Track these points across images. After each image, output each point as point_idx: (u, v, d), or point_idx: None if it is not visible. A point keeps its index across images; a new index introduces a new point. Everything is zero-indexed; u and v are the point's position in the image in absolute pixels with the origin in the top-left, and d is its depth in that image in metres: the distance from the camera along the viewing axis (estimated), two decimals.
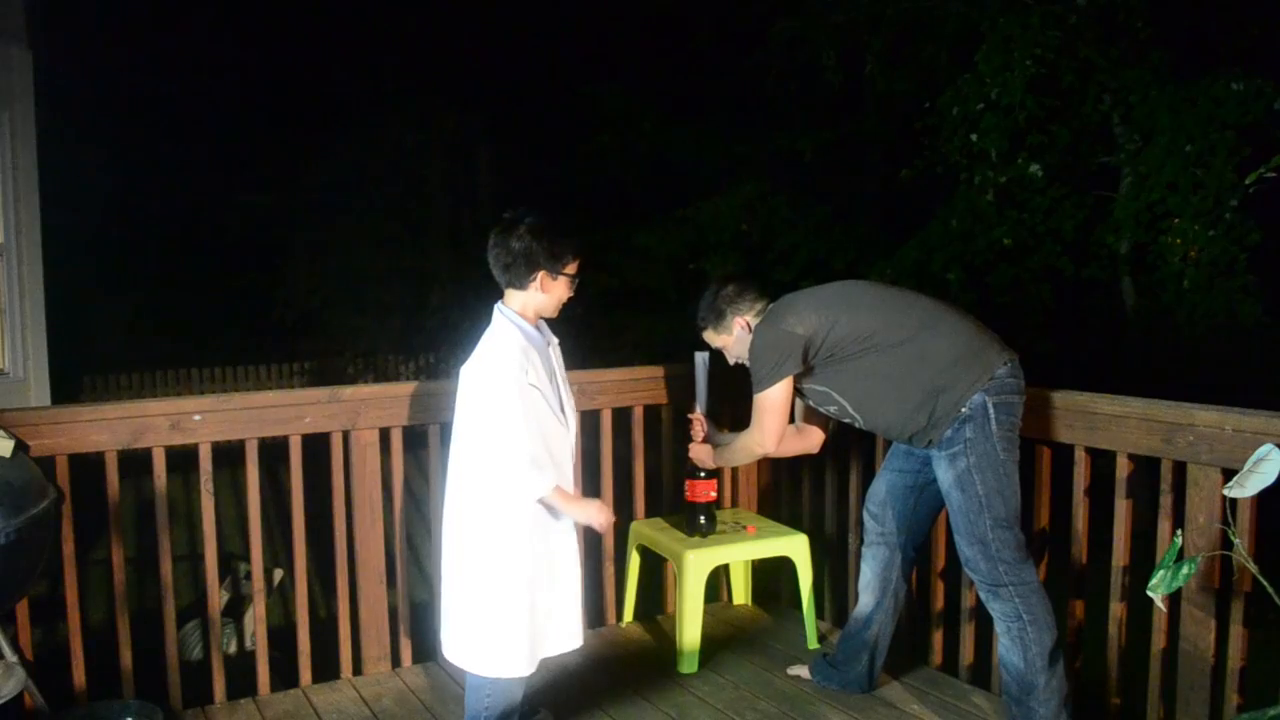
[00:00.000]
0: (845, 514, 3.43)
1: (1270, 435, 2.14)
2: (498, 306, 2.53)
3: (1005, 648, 2.57)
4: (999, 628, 2.57)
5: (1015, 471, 2.53)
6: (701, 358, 3.18)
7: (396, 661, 3.20)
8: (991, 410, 2.49)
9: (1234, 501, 2.21)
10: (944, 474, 2.57)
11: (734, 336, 2.86)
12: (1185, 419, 2.40)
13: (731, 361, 2.93)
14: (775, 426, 2.75)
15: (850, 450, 3.37)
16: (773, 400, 2.71)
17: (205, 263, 12.31)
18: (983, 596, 2.58)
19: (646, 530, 3.40)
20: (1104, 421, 2.60)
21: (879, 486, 2.92)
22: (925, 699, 2.92)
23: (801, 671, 3.08)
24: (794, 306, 2.73)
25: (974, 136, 7.01)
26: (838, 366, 2.65)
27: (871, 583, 2.91)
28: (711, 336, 2.90)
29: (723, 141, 10.21)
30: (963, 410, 2.50)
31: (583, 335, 10.88)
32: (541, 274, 2.47)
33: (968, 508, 2.51)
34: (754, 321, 2.81)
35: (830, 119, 9.54)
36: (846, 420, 2.78)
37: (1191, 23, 7.45)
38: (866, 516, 2.94)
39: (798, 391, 2.78)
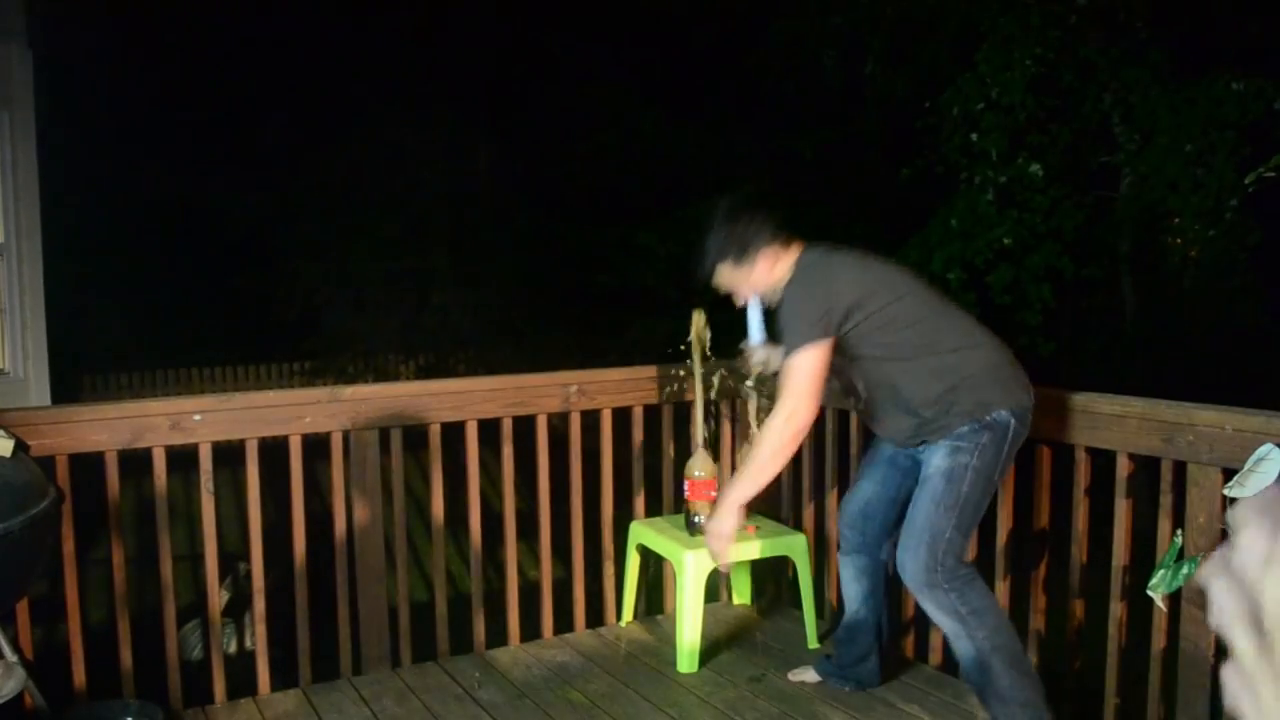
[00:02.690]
0: None
1: (1270, 435, 2.15)
2: None
3: (953, 644, 2.55)
4: (940, 623, 2.54)
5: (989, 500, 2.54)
6: None
7: (396, 661, 3.20)
8: (1012, 434, 2.45)
9: (1234, 501, 2.21)
10: (938, 460, 2.48)
11: (755, 272, 2.60)
12: (1185, 419, 2.40)
13: (740, 302, 2.71)
14: (814, 391, 2.43)
15: (851, 449, 3.37)
16: (812, 362, 2.42)
17: (206, 262, 12.31)
18: (917, 598, 2.54)
19: (646, 530, 3.40)
20: (1104, 421, 2.60)
21: (857, 500, 2.83)
22: (925, 699, 2.92)
23: (806, 676, 3.05)
24: (845, 265, 2.54)
25: (974, 136, 7.01)
26: (870, 342, 2.49)
27: (857, 587, 2.87)
28: (727, 273, 2.62)
29: (723, 141, 10.21)
30: (988, 417, 2.43)
31: (583, 335, 10.90)
32: None
33: (942, 500, 2.44)
34: (779, 259, 2.58)
35: (830, 119, 9.54)
36: (849, 399, 2.66)
37: (1191, 23, 7.45)
38: (844, 527, 2.85)
39: None
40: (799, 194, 9.15)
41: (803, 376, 2.43)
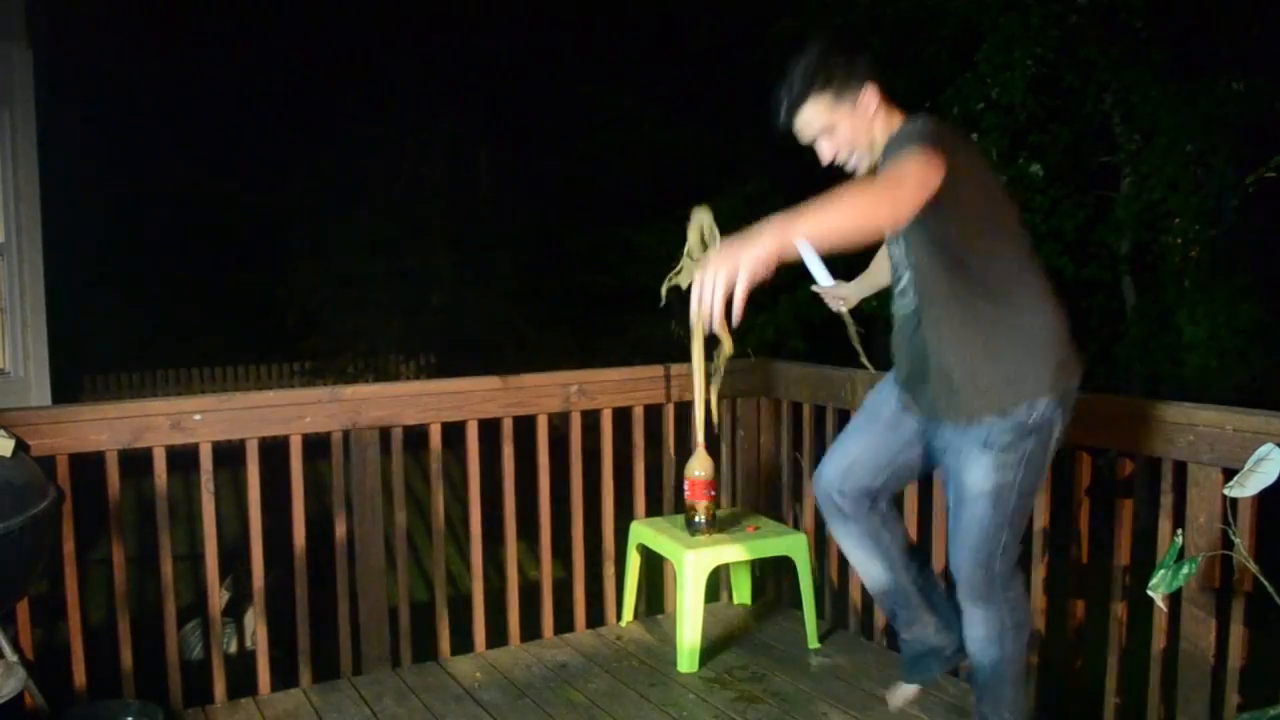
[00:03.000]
0: None
1: (1270, 435, 2.14)
2: None
3: (976, 647, 2.37)
4: (978, 630, 2.35)
5: None
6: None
7: (396, 661, 3.20)
8: (1057, 430, 2.17)
9: (1234, 501, 2.21)
10: (978, 478, 2.18)
11: (858, 112, 2.16)
12: (1185, 419, 2.40)
13: (829, 157, 2.22)
14: (927, 178, 1.84)
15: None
16: (928, 158, 1.86)
17: (206, 263, 12.32)
18: (968, 609, 2.35)
19: (646, 530, 3.40)
20: (1104, 421, 2.60)
21: (837, 463, 2.46)
22: (925, 699, 2.91)
23: (903, 693, 2.70)
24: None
25: (974, 136, 7.01)
26: (951, 250, 2.08)
27: (863, 553, 2.52)
28: (823, 110, 2.16)
29: (723, 141, 10.21)
30: (1032, 416, 2.12)
31: (583, 335, 10.90)
32: None
33: (993, 522, 2.20)
34: (880, 108, 2.17)
35: None
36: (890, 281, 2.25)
37: (1192, 23, 7.45)
38: (822, 497, 2.49)
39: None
40: (799, 194, 9.14)
41: (915, 164, 1.86)
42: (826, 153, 2.21)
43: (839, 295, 2.71)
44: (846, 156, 2.21)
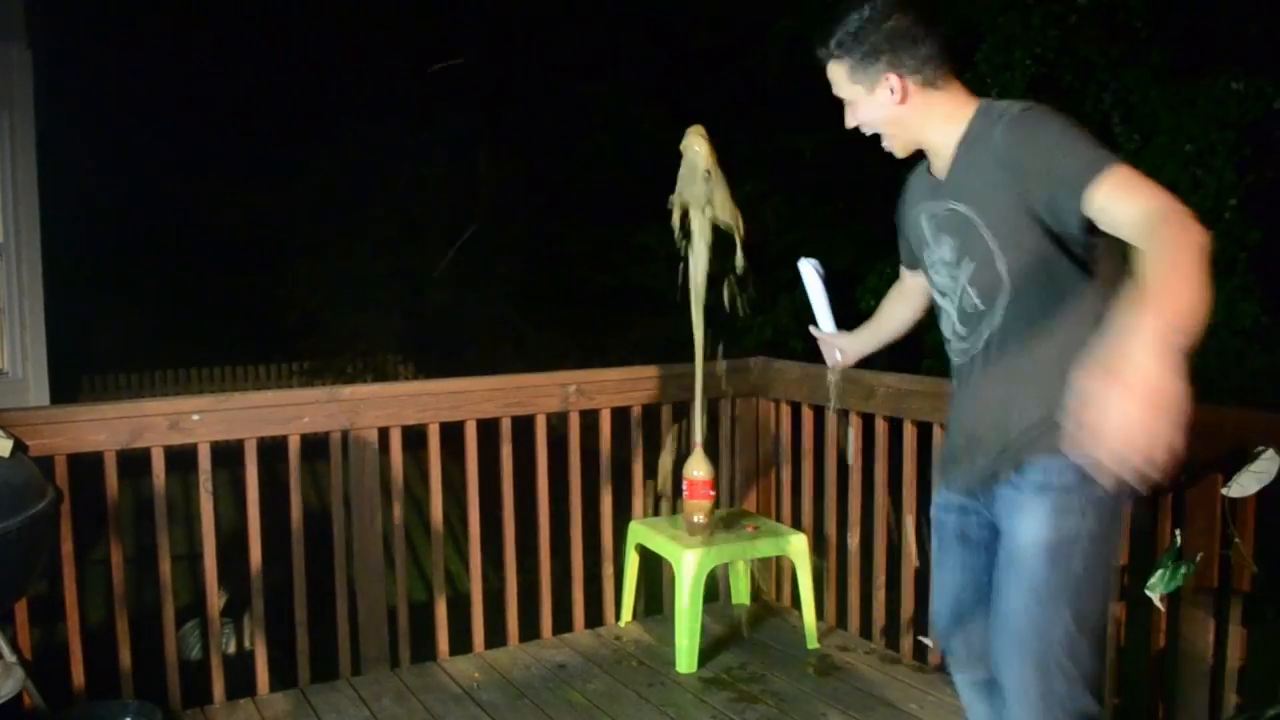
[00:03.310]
0: (845, 513, 3.43)
1: (1270, 435, 2.14)
2: None
3: None
4: None
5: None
6: (809, 264, 2.43)
7: (396, 662, 3.20)
8: (1129, 490, 1.69)
9: (1233, 501, 2.21)
10: (1032, 524, 1.69)
11: (871, 96, 1.88)
12: (1184, 419, 2.39)
13: (849, 124, 1.98)
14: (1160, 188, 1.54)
15: (849, 445, 3.36)
16: (1133, 170, 1.56)
17: (205, 262, 12.32)
18: None
19: (645, 530, 3.40)
20: None
21: (945, 599, 1.99)
22: (924, 699, 2.92)
23: None
24: None
25: None
26: (1064, 260, 1.66)
27: (985, 708, 1.96)
28: (841, 78, 1.92)
29: (723, 141, 10.21)
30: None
31: (583, 335, 10.90)
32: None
33: (1051, 590, 1.66)
34: (917, 95, 1.86)
35: (830, 119, 9.53)
36: (948, 306, 1.84)
37: (1191, 23, 7.45)
38: (944, 639, 2.05)
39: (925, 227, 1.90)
40: (799, 194, 9.15)
41: (1140, 179, 1.55)
42: (847, 119, 1.97)
43: (839, 346, 2.49)
44: (868, 132, 1.97)
